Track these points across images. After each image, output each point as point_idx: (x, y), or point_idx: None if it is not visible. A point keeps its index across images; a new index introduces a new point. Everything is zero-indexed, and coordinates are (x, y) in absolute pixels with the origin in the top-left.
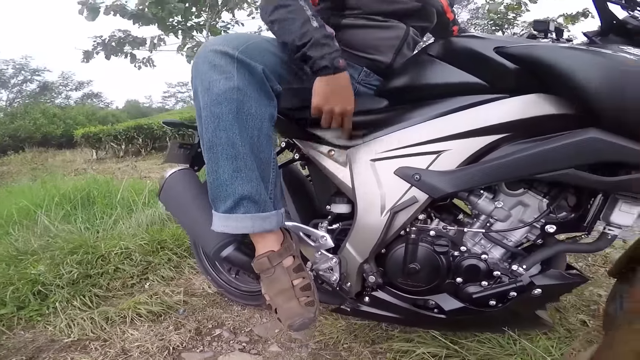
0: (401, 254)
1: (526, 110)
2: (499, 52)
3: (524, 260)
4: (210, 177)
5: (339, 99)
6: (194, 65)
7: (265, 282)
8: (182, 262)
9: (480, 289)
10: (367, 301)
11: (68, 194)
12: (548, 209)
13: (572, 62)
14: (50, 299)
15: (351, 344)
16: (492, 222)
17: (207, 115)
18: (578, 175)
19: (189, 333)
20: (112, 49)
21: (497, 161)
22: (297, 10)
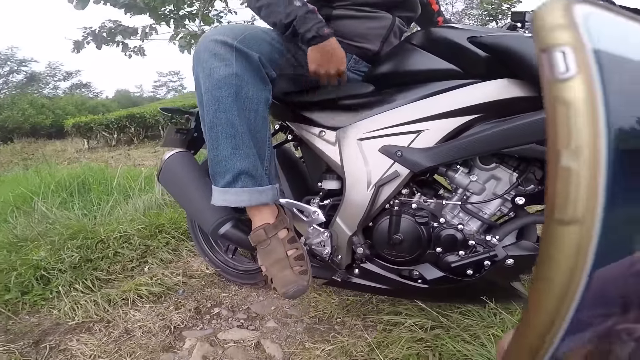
0: (386, 226)
1: (496, 93)
2: (472, 41)
3: (497, 231)
4: (210, 154)
5: (331, 62)
6: (195, 54)
7: (261, 253)
8: (180, 245)
9: (457, 258)
10: (357, 273)
11: (63, 181)
12: (517, 182)
13: (533, 50)
14: (52, 283)
15: (344, 318)
16: (469, 195)
17: (208, 98)
18: (539, 149)
19: (189, 312)
20: (103, 39)
21: (467, 139)
22: None
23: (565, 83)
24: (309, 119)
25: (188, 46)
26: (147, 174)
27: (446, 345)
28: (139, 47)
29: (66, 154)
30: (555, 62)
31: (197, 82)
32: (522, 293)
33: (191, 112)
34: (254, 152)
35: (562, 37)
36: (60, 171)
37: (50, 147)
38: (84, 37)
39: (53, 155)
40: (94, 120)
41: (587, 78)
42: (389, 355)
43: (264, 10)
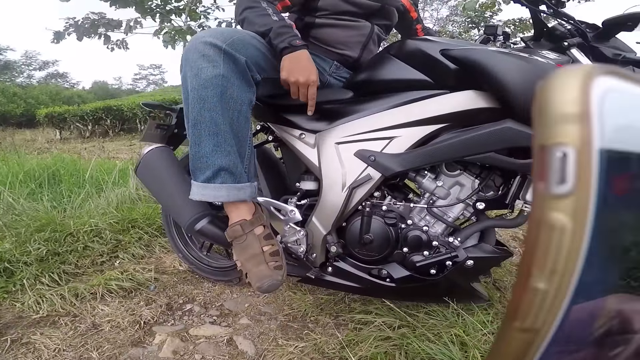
0: (358, 226)
1: (462, 104)
2: (443, 54)
3: (459, 233)
4: (192, 150)
5: (301, 71)
6: (184, 53)
7: (237, 248)
8: (152, 241)
9: (422, 258)
10: (330, 271)
11: (32, 171)
12: (478, 188)
13: (497, 64)
14: (16, 276)
15: (317, 316)
16: (435, 200)
17: (194, 97)
18: (497, 158)
19: (160, 308)
20: (85, 31)
21: (436, 145)
22: (260, 9)
23: (557, 201)
24: (290, 122)
25: (172, 41)
26: (121, 167)
27: (412, 344)
28: (122, 41)
29: (36, 144)
30: (551, 166)
31: (184, 81)
32: (482, 294)
33: (173, 108)
34: (234, 150)
35: (567, 134)
36: (29, 161)
37: (20, 136)
38: (66, 28)
39: (22, 145)
40: (68, 111)
41: (581, 201)
42: (359, 353)
43: (245, 23)
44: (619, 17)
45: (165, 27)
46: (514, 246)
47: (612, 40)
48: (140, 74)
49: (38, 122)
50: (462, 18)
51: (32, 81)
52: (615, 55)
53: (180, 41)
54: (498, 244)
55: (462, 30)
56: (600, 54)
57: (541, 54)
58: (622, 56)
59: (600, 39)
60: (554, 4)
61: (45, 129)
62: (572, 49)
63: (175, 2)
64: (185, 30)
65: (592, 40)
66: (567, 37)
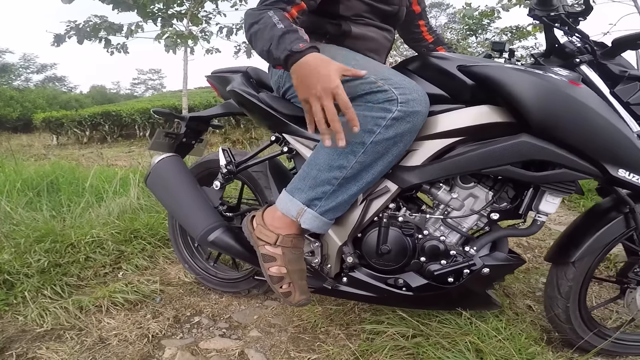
0: (375, 237)
1: (478, 118)
2: (460, 69)
3: (474, 242)
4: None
5: (315, 81)
6: None
7: (289, 256)
8: (156, 252)
9: (440, 266)
10: (345, 281)
11: (30, 179)
12: (492, 200)
13: (513, 80)
14: (17, 288)
15: (328, 327)
16: (449, 211)
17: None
18: (513, 171)
19: (167, 321)
20: (86, 34)
21: (452, 159)
22: (265, 21)
23: None
24: (304, 133)
25: (174, 46)
26: (122, 175)
27: (427, 353)
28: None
29: (33, 150)
30: None
31: None
32: (496, 301)
33: (182, 116)
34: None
35: None
36: (26, 168)
37: (16, 141)
38: (67, 31)
39: (19, 150)
40: (65, 116)
41: None
42: None
43: (253, 39)
44: (629, 36)
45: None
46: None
47: (617, 57)
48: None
49: (35, 127)
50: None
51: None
52: (622, 72)
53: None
54: (510, 252)
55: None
56: (608, 71)
57: (554, 70)
58: (627, 73)
59: (607, 57)
60: (571, 21)
61: (42, 134)
62: (582, 65)
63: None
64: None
65: (600, 58)
66: (577, 54)
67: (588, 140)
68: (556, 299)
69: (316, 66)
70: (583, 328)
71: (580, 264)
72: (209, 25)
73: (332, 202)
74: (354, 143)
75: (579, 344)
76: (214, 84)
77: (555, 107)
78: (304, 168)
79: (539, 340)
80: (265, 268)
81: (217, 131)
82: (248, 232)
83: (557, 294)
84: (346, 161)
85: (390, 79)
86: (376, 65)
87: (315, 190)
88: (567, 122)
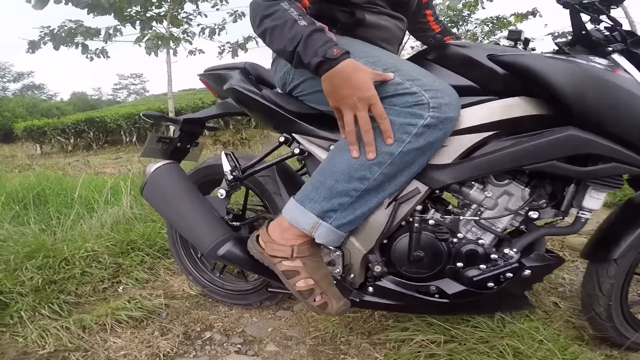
0: (405, 243)
1: (512, 110)
2: (491, 58)
3: (514, 243)
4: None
5: (350, 90)
6: None
7: (311, 265)
8: (156, 263)
9: (479, 272)
10: (371, 291)
11: (15, 192)
12: (531, 197)
13: (555, 70)
14: (11, 307)
15: (348, 337)
16: (482, 211)
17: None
18: (559, 166)
19: (177, 338)
20: (62, 39)
21: (489, 155)
22: (282, 15)
23: None
24: (317, 132)
25: (155, 48)
26: (112, 184)
27: (463, 359)
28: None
29: (16, 160)
30: None
31: None
32: (531, 301)
33: (175, 119)
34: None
35: None
36: (10, 180)
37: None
38: (41, 37)
39: (1, 162)
40: (48, 125)
41: None
42: None
43: (268, 36)
44: None
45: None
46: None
47: None
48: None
49: (16, 137)
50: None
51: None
52: None
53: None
54: (547, 251)
55: None
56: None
57: (591, 59)
58: None
59: (637, 45)
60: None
61: (24, 144)
62: (614, 54)
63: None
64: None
65: (631, 46)
66: (605, 43)
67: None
68: (597, 297)
69: (350, 74)
70: (625, 326)
71: (622, 260)
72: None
73: (349, 215)
74: (381, 153)
75: (627, 344)
76: (208, 82)
77: (603, 97)
78: (316, 176)
79: (576, 339)
80: (291, 285)
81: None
82: (258, 253)
83: (599, 292)
84: (369, 172)
85: (418, 79)
86: (401, 62)
87: (330, 202)
88: (616, 112)
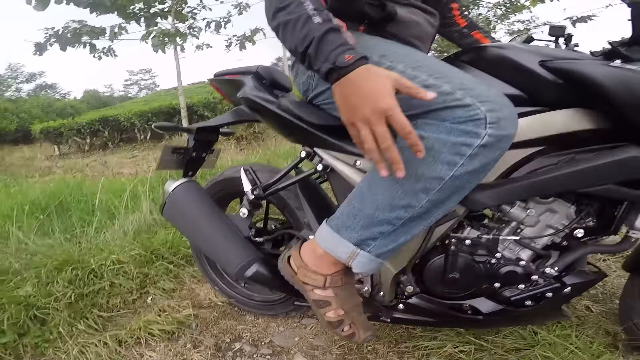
0: (440, 264)
1: (565, 124)
2: (544, 65)
3: (556, 262)
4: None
5: (361, 100)
6: None
7: (343, 295)
8: (180, 272)
9: (517, 291)
10: (401, 308)
11: (38, 200)
12: (578, 216)
13: (620, 82)
14: (49, 323)
15: (375, 345)
16: (523, 228)
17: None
18: (618, 190)
19: (209, 350)
20: (68, 40)
21: (536, 178)
22: (297, 9)
23: None
24: (341, 146)
25: (162, 45)
26: (131, 188)
27: None
28: (108, 48)
29: (36, 162)
30: None
31: None
32: (567, 312)
33: (189, 128)
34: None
35: None
36: (32, 187)
37: (18, 154)
38: (47, 39)
39: (22, 164)
40: (63, 125)
41: None
42: None
43: (281, 31)
44: None
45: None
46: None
47: None
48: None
49: (34, 137)
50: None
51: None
52: None
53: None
54: (588, 264)
55: None
56: None
57: None
58: None
59: None
60: None
61: (42, 144)
62: None
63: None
64: (174, 33)
65: None
66: None
67: None
68: (637, 309)
69: (362, 82)
70: None
71: None
72: (195, 20)
73: (391, 243)
74: (429, 178)
75: None
76: (220, 88)
77: None
78: (353, 203)
79: (608, 346)
80: (321, 314)
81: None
82: (289, 276)
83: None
84: (415, 200)
85: (471, 88)
86: (448, 67)
87: (370, 230)
88: None
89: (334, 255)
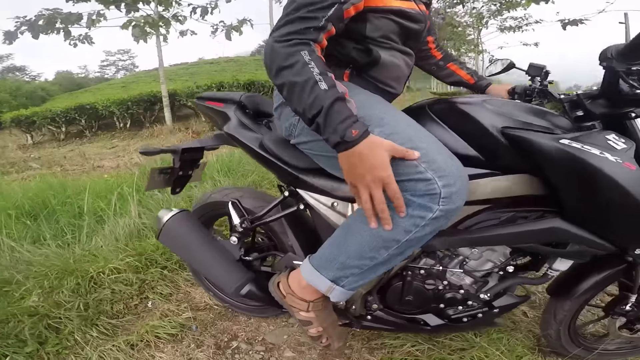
0: (399, 289)
1: (511, 189)
2: (504, 133)
3: (490, 289)
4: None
5: (365, 169)
6: None
7: (322, 316)
8: (175, 276)
9: (457, 311)
10: (369, 319)
11: (22, 204)
12: (512, 257)
13: (564, 162)
14: (63, 330)
15: (351, 342)
16: (468, 262)
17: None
18: (538, 247)
19: (210, 349)
20: (41, 28)
21: (480, 233)
22: (303, 70)
23: None
24: (319, 189)
25: (143, 35)
26: (117, 189)
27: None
28: (85, 35)
29: (8, 152)
30: None
31: None
32: (497, 321)
33: (174, 149)
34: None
35: None
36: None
37: None
38: (17, 27)
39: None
40: (37, 114)
41: None
42: None
43: (286, 91)
44: None
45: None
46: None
47: None
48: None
49: (5, 126)
50: None
51: None
52: None
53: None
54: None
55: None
56: None
57: (609, 143)
58: None
59: None
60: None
61: (12, 132)
62: (638, 119)
63: None
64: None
65: None
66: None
67: (622, 227)
68: (551, 324)
69: (367, 154)
70: (570, 344)
71: (577, 299)
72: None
73: (360, 280)
74: (388, 239)
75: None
76: (205, 113)
77: (597, 200)
78: (331, 248)
79: (531, 348)
80: (305, 330)
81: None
82: (279, 298)
83: (553, 321)
84: (378, 254)
85: (433, 160)
86: (416, 132)
87: (343, 271)
88: (606, 216)
89: (314, 286)
